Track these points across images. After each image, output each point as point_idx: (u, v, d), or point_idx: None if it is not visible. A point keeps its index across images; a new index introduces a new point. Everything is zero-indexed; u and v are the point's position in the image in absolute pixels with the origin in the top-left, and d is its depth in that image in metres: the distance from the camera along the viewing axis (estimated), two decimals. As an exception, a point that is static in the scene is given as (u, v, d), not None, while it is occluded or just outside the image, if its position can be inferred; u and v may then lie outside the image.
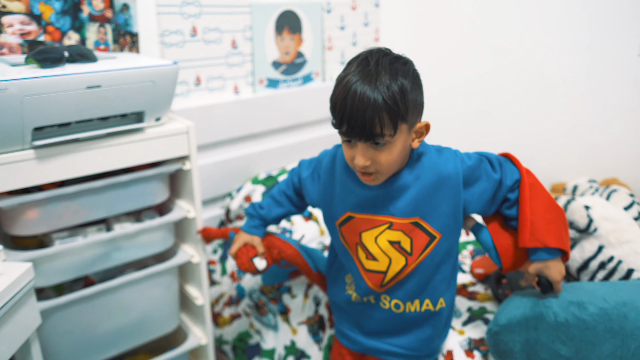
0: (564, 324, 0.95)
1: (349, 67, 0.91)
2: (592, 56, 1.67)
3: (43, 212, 1.17)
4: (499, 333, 1.02)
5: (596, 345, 0.92)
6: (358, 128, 0.87)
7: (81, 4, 1.34)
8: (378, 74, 0.87)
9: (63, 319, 1.27)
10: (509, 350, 0.99)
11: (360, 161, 0.91)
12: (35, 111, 1.03)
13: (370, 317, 1.10)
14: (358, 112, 0.86)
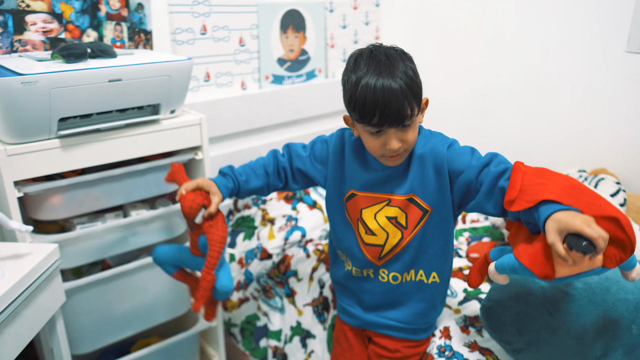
0: (552, 298, 1.03)
1: (358, 66, 0.97)
2: (583, 54, 1.75)
3: (66, 198, 1.26)
4: (492, 308, 1.09)
5: (580, 315, 1.00)
6: (392, 116, 0.94)
7: (99, 4, 1.42)
8: (392, 65, 0.95)
9: (83, 299, 1.35)
10: (501, 324, 1.07)
11: (394, 145, 0.98)
12: (62, 103, 1.11)
13: (369, 291, 1.18)
14: (389, 103, 0.93)
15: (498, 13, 1.94)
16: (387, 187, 1.09)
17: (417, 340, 1.19)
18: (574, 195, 0.86)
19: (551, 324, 1.01)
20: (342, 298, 1.26)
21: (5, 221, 1.02)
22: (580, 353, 0.99)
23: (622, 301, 0.99)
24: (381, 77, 0.94)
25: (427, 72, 2.21)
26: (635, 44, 1.62)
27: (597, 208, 0.83)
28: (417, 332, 1.18)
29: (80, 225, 1.32)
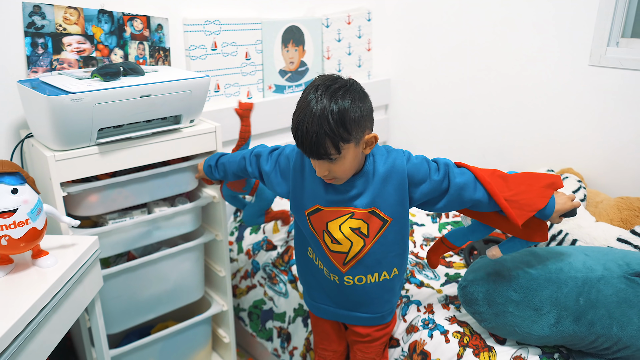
0: (515, 277, 1.24)
1: (300, 103, 1.11)
2: (552, 66, 1.96)
3: (101, 197, 1.45)
4: (467, 286, 1.30)
5: (538, 290, 1.21)
6: (310, 151, 1.08)
7: (125, 26, 1.62)
8: (320, 109, 1.04)
9: (113, 286, 1.54)
10: (474, 299, 1.28)
11: (319, 173, 1.12)
12: (102, 115, 1.30)
13: (339, 292, 1.31)
14: (308, 140, 1.06)
15: (479, 28, 2.16)
16: (350, 202, 1.19)
17: (385, 323, 1.37)
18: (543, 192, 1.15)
19: (514, 299, 1.22)
20: (313, 294, 1.39)
21: (58, 216, 1.21)
22: (538, 321, 1.20)
23: (572, 278, 1.20)
24: (309, 118, 1.05)
25: (415, 80, 2.44)
26: (596, 58, 1.84)
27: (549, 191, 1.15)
28: (384, 317, 1.36)
29: (112, 221, 1.51)
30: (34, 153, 1.41)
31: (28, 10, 1.44)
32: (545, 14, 1.94)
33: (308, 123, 1.05)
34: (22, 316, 0.99)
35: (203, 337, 1.82)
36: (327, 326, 1.43)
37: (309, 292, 1.41)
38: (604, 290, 1.17)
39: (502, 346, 1.27)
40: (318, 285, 1.36)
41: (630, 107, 1.79)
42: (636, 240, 1.41)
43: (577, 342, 1.19)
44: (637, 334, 1.14)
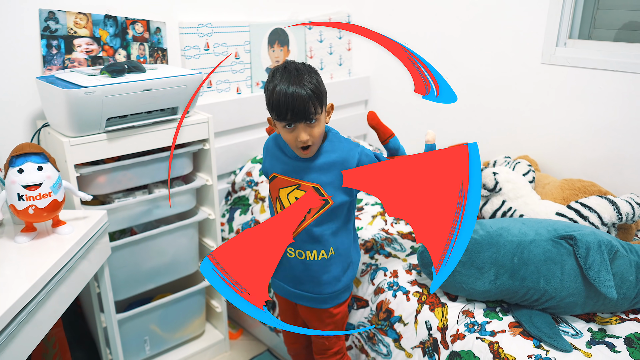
0: None
1: (275, 78, 1.25)
2: (509, 64, 2.19)
3: (109, 178, 1.66)
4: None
5: (480, 252, 1.43)
6: (300, 114, 1.22)
7: (127, 29, 1.83)
8: (300, 76, 1.23)
9: (118, 257, 1.74)
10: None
11: (303, 137, 1.25)
12: (110, 107, 1.51)
13: (286, 266, 1.45)
14: (298, 104, 1.21)
15: (446, 30, 2.39)
16: (298, 174, 1.35)
17: (326, 308, 1.48)
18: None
19: (461, 260, 1.45)
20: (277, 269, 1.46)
21: (74, 190, 1.43)
22: (480, 278, 1.43)
23: (508, 242, 1.43)
24: (292, 85, 1.22)
25: (391, 77, 2.66)
26: (546, 57, 2.07)
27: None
28: (326, 301, 1.47)
29: (117, 200, 1.72)
30: (49, 140, 1.62)
31: (44, 16, 1.65)
32: (503, 18, 2.17)
33: (293, 88, 1.21)
34: (44, 274, 1.19)
35: (197, 307, 2.04)
36: (281, 300, 1.58)
37: (275, 276, 1.52)
38: (534, 250, 1.40)
39: (453, 302, 1.49)
40: (281, 265, 1.48)
41: (577, 101, 2.02)
42: (570, 214, 1.64)
43: (513, 296, 1.42)
44: (560, 286, 1.36)
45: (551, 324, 1.34)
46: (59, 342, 1.69)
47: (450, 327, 1.42)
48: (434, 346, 1.44)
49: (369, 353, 1.64)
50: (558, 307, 1.39)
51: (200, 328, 2.10)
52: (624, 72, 1.88)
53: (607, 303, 1.38)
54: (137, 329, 1.87)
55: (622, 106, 1.91)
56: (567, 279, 1.37)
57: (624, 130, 1.92)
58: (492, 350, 1.31)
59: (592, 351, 1.26)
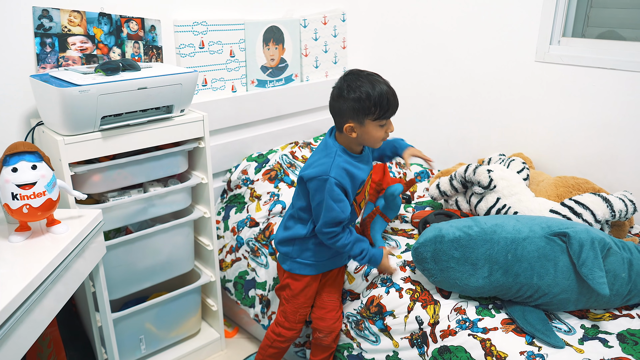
0: (457, 238, 1.47)
1: (358, 80, 1.44)
2: (504, 62, 2.20)
3: (103, 177, 1.66)
4: (417, 248, 1.53)
5: (474, 249, 1.44)
6: (396, 109, 1.47)
7: (122, 27, 1.83)
8: (386, 83, 1.46)
9: (113, 256, 1.74)
10: (423, 258, 1.51)
11: (394, 128, 1.50)
12: (105, 105, 1.51)
13: None
14: (397, 101, 1.46)
15: (441, 28, 2.39)
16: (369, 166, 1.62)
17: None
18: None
19: (456, 256, 1.45)
20: (327, 255, 1.66)
21: (68, 189, 1.43)
22: (474, 274, 1.43)
23: (502, 239, 1.44)
24: (385, 84, 1.45)
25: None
26: (540, 55, 2.08)
27: None
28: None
29: (112, 198, 1.72)
30: (44, 138, 1.61)
31: (37, 14, 1.64)
32: (497, 16, 2.18)
33: (390, 90, 1.45)
34: (39, 273, 1.19)
35: (193, 305, 2.04)
36: (315, 285, 1.67)
37: (317, 261, 1.63)
38: (528, 247, 1.41)
39: (446, 300, 1.50)
40: (331, 250, 1.62)
41: (571, 99, 2.03)
42: (564, 211, 1.65)
43: (506, 292, 1.43)
44: (553, 282, 1.38)
45: (544, 320, 1.35)
46: (53, 342, 1.69)
47: (442, 322, 1.43)
48: (422, 338, 1.45)
49: (354, 337, 1.66)
50: (551, 304, 1.40)
51: (196, 327, 2.10)
52: (617, 70, 1.90)
53: (599, 300, 1.39)
54: (133, 328, 1.87)
55: (616, 104, 1.92)
56: (560, 276, 1.38)
57: (617, 127, 1.94)
58: (484, 347, 1.32)
59: (585, 347, 1.27)
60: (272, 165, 2.17)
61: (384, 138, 1.50)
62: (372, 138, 1.48)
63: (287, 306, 1.69)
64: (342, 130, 1.49)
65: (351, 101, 1.43)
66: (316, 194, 1.49)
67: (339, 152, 1.50)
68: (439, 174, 2.14)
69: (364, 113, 1.43)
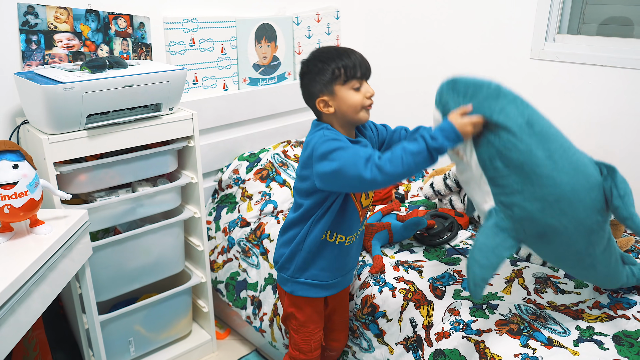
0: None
1: (324, 51, 1.31)
2: (499, 59, 2.18)
3: (90, 176, 1.63)
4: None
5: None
6: (366, 67, 1.30)
7: (110, 24, 1.79)
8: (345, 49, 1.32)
9: (101, 257, 1.71)
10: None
11: (370, 90, 1.30)
12: (90, 103, 1.48)
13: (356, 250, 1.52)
14: (363, 58, 1.30)
15: (435, 25, 2.37)
16: None
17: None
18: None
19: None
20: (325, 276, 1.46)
21: (52, 189, 1.39)
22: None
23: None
24: (351, 53, 1.29)
25: (379, 72, 2.63)
26: (536, 52, 2.06)
27: None
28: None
29: (100, 198, 1.69)
30: (29, 137, 1.58)
31: (23, 10, 1.61)
32: (492, 13, 2.15)
33: (349, 50, 1.31)
34: (21, 274, 1.15)
35: (184, 307, 2.01)
36: (322, 306, 1.51)
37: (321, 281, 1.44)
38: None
39: (439, 300, 1.48)
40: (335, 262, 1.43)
41: (566, 96, 2.01)
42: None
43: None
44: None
45: (499, 257, 1.20)
46: (39, 344, 1.66)
47: (436, 325, 1.40)
48: (417, 342, 1.42)
49: (350, 345, 1.63)
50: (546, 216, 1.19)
51: (186, 328, 2.07)
52: (613, 67, 1.87)
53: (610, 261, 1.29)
54: (121, 330, 1.83)
55: (612, 101, 1.90)
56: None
57: (613, 125, 1.91)
58: (478, 349, 1.29)
59: (580, 349, 1.24)
60: (264, 165, 2.15)
61: (366, 105, 1.29)
62: (350, 107, 1.28)
63: (296, 337, 1.52)
64: (319, 114, 1.34)
65: (314, 74, 1.30)
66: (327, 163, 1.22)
67: (328, 126, 1.33)
68: (433, 173, 2.11)
69: (331, 80, 1.27)
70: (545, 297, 1.48)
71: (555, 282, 1.53)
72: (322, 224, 1.37)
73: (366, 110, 1.32)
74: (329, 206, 1.35)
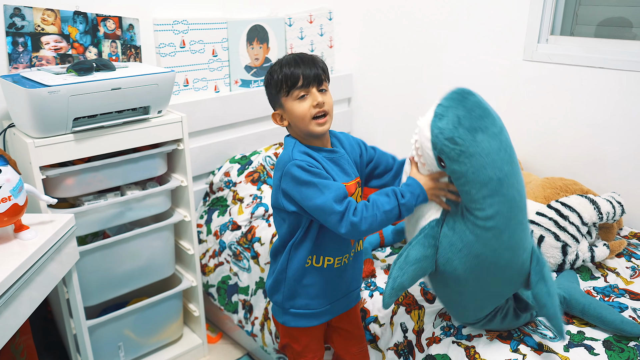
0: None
1: (281, 60, 1.25)
2: (491, 60, 2.16)
3: (77, 180, 1.61)
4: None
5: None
6: (312, 76, 1.20)
7: (98, 25, 1.78)
8: (302, 55, 1.25)
9: (90, 261, 1.69)
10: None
11: (319, 97, 1.21)
12: (76, 106, 1.46)
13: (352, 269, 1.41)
14: (309, 64, 1.21)
15: (429, 27, 2.35)
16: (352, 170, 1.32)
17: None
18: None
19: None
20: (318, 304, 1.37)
21: (37, 194, 1.37)
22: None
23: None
24: (300, 56, 1.24)
25: (374, 75, 2.63)
26: (528, 53, 2.04)
27: None
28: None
29: (88, 202, 1.67)
30: (15, 141, 1.56)
31: (9, 12, 1.59)
32: (484, 15, 2.14)
33: (305, 56, 1.24)
34: (4, 279, 1.13)
35: (174, 311, 1.99)
36: (320, 332, 1.44)
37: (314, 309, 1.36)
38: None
39: (430, 304, 1.46)
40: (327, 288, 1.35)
41: (559, 98, 2.00)
42: (551, 213, 1.60)
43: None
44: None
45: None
46: (27, 350, 1.64)
47: (427, 330, 1.39)
48: (408, 348, 1.41)
49: None
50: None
51: (177, 332, 2.05)
52: (606, 68, 1.86)
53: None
54: (111, 334, 1.82)
55: (605, 103, 1.89)
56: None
57: (606, 127, 1.90)
58: (468, 355, 1.27)
59: (570, 354, 1.23)
60: (255, 167, 2.13)
61: (313, 114, 1.21)
62: (298, 117, 1.22)
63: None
64: (281, 125, 1.30)
65: (266, 88, 1.29)
66: (298, 191, 1.19)
67: (295, 142, 1.27)
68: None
69: (277, 92, 1.24)
70: (537, 301, 1.47)
71: (546, 286, 1.51)
72: (303, 249, 1.29)
73: (317, 121, 1.23)
74: (306, 231, 1.28)
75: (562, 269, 1.56)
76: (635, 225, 1.86)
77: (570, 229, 1.55)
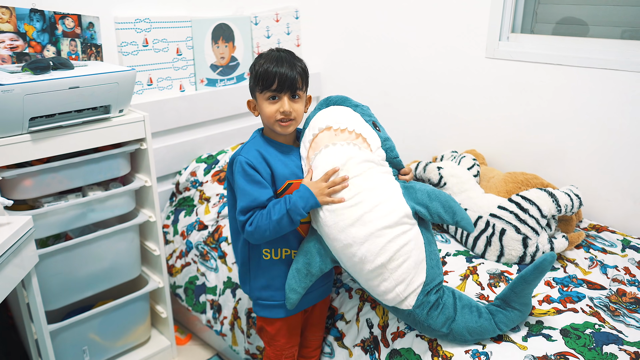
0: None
1: (263, 56, 1.28)
2: (455, 59, 2.19)
3: (36, 181, 1.57)
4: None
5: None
6: (287, 82, 1.23)
7: (56, 24, 1.74)
8: (291, 53, 1.29)
9: (51, 264, 1.66)
10: None
11: (286, 107, 1.25)
12: (32, 106, 1.43)
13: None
14: (289, 65, 1.24)
15: (397, 26, 2.37)
16: (300, 171, 1.34)
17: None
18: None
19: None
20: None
21: (-8, 196, 1.34)
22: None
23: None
24: (282, 57, 1.26)
25: (342, 73, 2.64)
26: (490, 51, 2.08)
27: None
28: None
29: (47, 204, 1.64)
30: (-30, 142, 1.52)
31: (-40, 10, 1.55)
32: (447, 13, 2.17)
33: (282, 60, 1.26)
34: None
35: (141, 313, 1.96)
36: (294, 320, 1.45)
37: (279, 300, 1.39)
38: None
39: (395, 299, 1.47)
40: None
41: (520, 95, 2.04)
42: (512, 207, 1.64)
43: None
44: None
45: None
46: (-15, 357, 1.60)
47: (391, 325, 1.40)
48: (374, 344, 1.42)
49: None
50: None
51: (145, 335, 2.02)
52: (565, 65, 1.90)
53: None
54: (75, 338, 1.78)
55: (564, 99, 1.93)
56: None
57: (565, 122, 1.94)
58: (431, 347, 1.29)
59: (529, 344, 1.25)
60: (222, 167, 2.12)
61: (278, 119, 1.26)
62: (265, 116, 1.29)
63: (268, 350, 1.49)
64: (252, 112, 1.37)
65: (250, 74, 1.33)
66: (235, 185, 1.29)
67: (256, 136, 1.35)
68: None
69: (254, 86, 1.30)
70: (498, 292, 1.49)
71: (508, 278, 1.54)
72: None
73: (281, 124, 1.29)
74: None
75: (523, 261, 1.60)
76: (594, 217, 1.91)
77: (530, 222, 1.59)
